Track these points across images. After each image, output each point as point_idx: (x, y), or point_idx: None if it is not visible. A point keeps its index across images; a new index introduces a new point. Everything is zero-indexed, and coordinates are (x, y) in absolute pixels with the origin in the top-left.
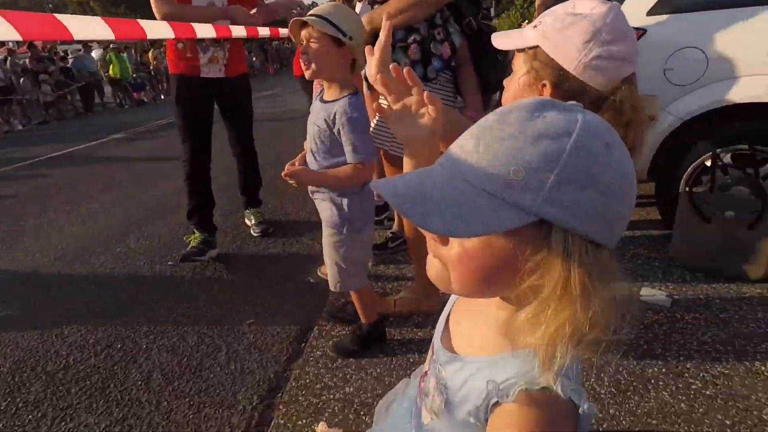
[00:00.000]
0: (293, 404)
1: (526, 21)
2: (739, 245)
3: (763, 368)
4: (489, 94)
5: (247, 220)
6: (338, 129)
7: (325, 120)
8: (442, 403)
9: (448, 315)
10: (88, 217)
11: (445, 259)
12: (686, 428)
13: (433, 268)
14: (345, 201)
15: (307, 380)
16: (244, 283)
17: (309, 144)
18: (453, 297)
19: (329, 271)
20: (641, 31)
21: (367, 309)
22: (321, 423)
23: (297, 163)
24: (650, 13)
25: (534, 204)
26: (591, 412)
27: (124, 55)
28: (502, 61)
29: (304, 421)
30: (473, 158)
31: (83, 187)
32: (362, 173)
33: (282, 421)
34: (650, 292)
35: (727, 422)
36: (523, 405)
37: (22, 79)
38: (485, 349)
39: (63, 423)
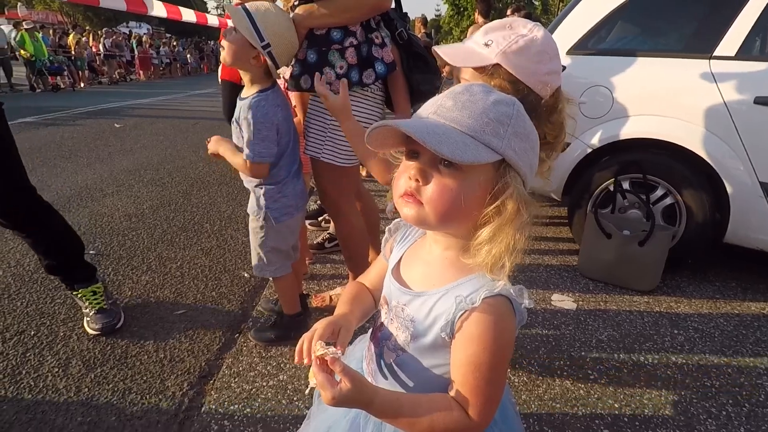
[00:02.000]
0: (225, 390)
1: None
2: (632, 260)
3: (645, 362)
4: (418, 102)
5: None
6: (241, 124)
7: (238, 117)
8: (408, 337)
9: (393, 269)
10: None
11: (425, 196)
12: (583, 410)
13: (410, 211)
14: (261, 191)
15: (240, 368)
16: (176, 274)
17: (234, 140)
18: (393, 258)
19: (252, 257)
20: (563, 67)
21: (286, 300)
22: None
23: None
24: (569, 52)
25: (500, 145)
26: (530, 305)
27: (39, 34)
28: (431, 72)
29: (236, 406)
30: (455, 113)
31: None
32: (251, 170)
33: (213, 407)
34: (560, 298)
35: (616, 405)
36: (486, 307)
37: None
38: (442, 281)
39: None
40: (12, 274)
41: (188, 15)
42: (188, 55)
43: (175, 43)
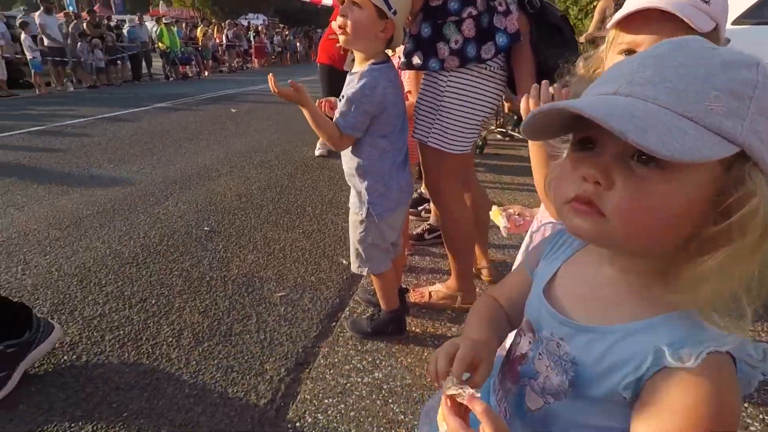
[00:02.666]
0: (320, 381)
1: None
2: None
3: None
4: (547, 78)
5: None
6: (344, 94)
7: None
8: (565, 382)
9: (545, 288)
10: (129, 176)
11: (610, 205)
12: None
13: (585, 224)
14: (363, 185)
15: (336, 360)
16: (278, 255)
17: None
18: (543, 273)
19: (351, 251)
20: (726, 40)
21: (385, 296)
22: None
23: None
24: (735, 22)
25: (738, 131)
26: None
27: (175, 28)
28: (566, 46)
29: (330, 400)
30: (663, 85)
31: (126, 149)
32: (333, 139)
33: (308, 397)
34: None
35: None
36: (705, 368)
37: (79, 43)
38: (622, 316)
39: (94, 368)
40: (141, 245)
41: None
42: (297, 44)
43: (286, 33)
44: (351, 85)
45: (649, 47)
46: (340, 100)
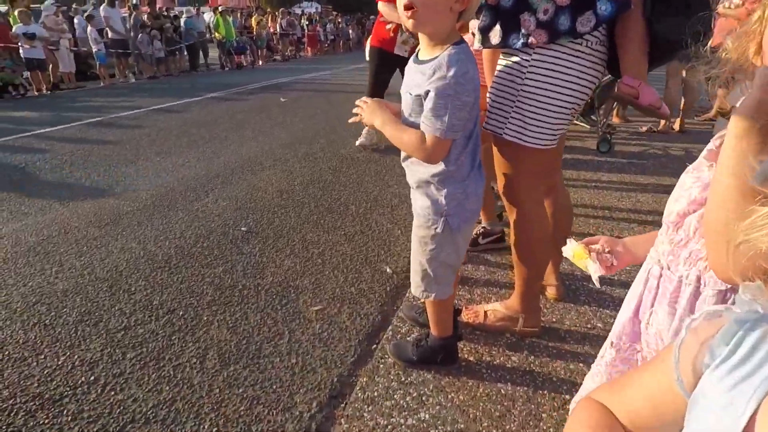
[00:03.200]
0: (356, 421)
1: None
2: None
3: None
4: (664, 57)
5: None
6: (426, 90)
7: (420, 84)
8: None
9: None
10: (173, 170)
11: None
12: None
13: None
14: (442, 192)
15: (375, 393)
16: (317, 261)
17: (403, 118)
18: (722, 398)
19: (413, 272)
20: None
21: (440, 322)
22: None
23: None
24: None
25: None
26: None
27: (230, 18)
28: (692, 15)
29: None
30: None
31: (173, 140)
32: (428, 150)
33: None
34: None
35: None
36: None
37: (140, 35)
38: None
39: (113, 392)
40: (175, 246)
41: None
42: (350, 31)
43: (339, 20)
44: (431, 78)
45: None
46: (410, 95)
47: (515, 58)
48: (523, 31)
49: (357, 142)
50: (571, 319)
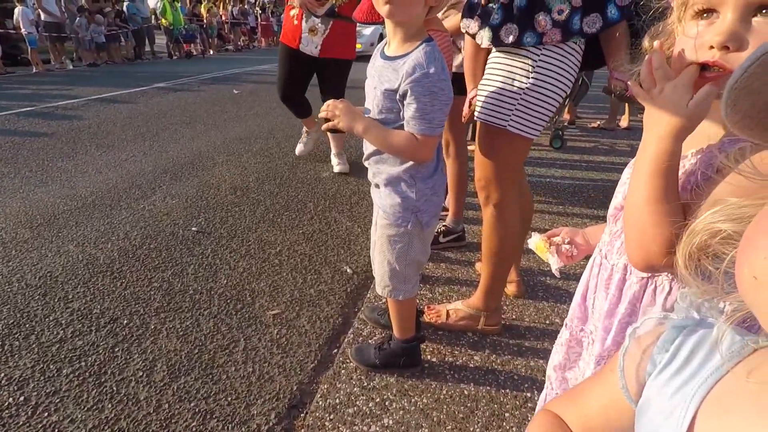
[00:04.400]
0: (318, 431)
1: None
2: None
3: None
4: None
5: None
6: (405, 89)
7: (392, 80)
8: None
9: None
10: (116, 165)
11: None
12: None
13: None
14: (412, 189)
15: (337, 400)
16: (274, 262)
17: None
18: (665, 405)
19: (378, 271)
20: None
21: (403, 323)
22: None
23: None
24: None
25: None
26: None
27: (178, 3)
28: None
29: None
30: None
31: (117, 133)
32: (418, 149)
33: None
34: None
35: None
36: None
37: (78, 18)
38: None
39: (46, 413)
40: (118, 248)
41: None
42: None
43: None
44: (411, 76)
45: None
46: (379, 91)
47: (522, 55)
48: (538, 30)
49: (297, 151)
50: (530, 316)
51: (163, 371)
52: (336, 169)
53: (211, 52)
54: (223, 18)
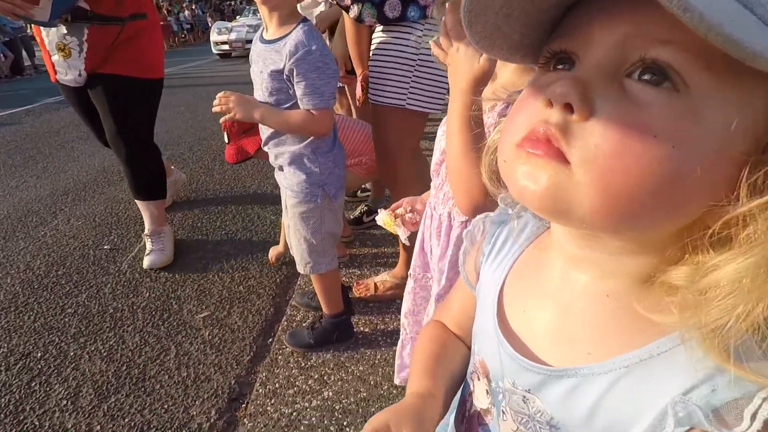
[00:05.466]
0: (261, 416)
1: None
2: None
3: None
4: None
5: None
6: (291, 68)
7: (276, 61)
8: None
9: (497, 311)
10: (6, 194)
11: (579, 144)
12: None
13: (536, 174)
14: (315, 163)
15: (277, 385)
16: (197, 266)
17: (260, 101)
18: (487, 287)
19: (296, 250)
20: None
21: (329, 298)
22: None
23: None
24: None
25: None
26: None
27: None
28: None
29: None
30: None
31: (2, 160)
32: (315, 123)
33: None
34: None
35: None
36: None
37: None
38: (611, 346)
39: None
40: (20, 281)
41: None
42: (209, 19)
43: (194, 7)
44: (295, 55)
45: None
46: (266, 74)
47: (406, 31)
48: (421, 3)
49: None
50: None
51: (90, 395)
52: (146, 262)
53: None
54: None
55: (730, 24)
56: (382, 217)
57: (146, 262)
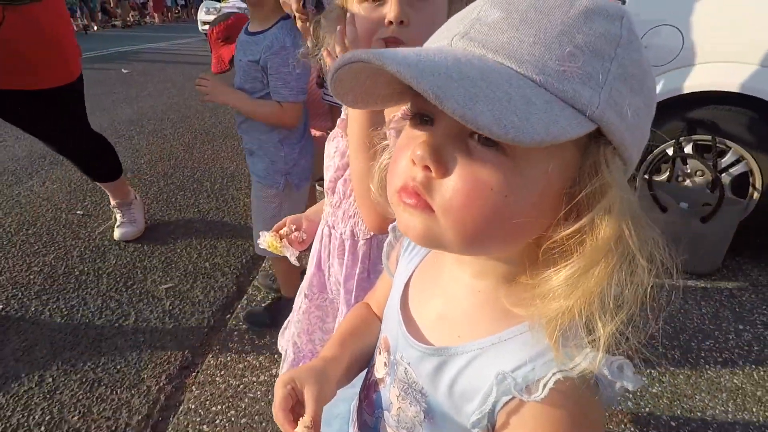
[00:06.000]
0: (208, 386)
1: None
2: (691, 239)
3: (707, 366)
4: None
5: None
6: (266, 61)
7: (254, 51)
8: (421, 414)
9: (401, 297)
10: None
11: (440, 198)
12: (632, 428)
13: (414, 221)
14: (281, 153)
15: (228, 358)
16: (167, 240)
17: (239, 85)
18: (400, 277)
19: (255, 231)
20: (621, 1)
21: (290, 281)
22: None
23: None
24: None
25: (595, 102)
26: (634, 386)
27: None
28: None
29: (219, 407)
30: (508, 35)
31: None
32: (284, 116)
33: (192, 407)
34: None
35: (672, 423)
36: (558, 397)
37: None
38: (473, 331)
39: None
40: None
41: None
42: None
43: None
44: (270, 49)
45: None
46: (245, 62)
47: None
48: None
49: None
50: None
51: (45, 349)
52: (116, 233)
53: (95, 27)
54: None
55: (483, 114)
56: (266, 240)
57: (117, 234)
